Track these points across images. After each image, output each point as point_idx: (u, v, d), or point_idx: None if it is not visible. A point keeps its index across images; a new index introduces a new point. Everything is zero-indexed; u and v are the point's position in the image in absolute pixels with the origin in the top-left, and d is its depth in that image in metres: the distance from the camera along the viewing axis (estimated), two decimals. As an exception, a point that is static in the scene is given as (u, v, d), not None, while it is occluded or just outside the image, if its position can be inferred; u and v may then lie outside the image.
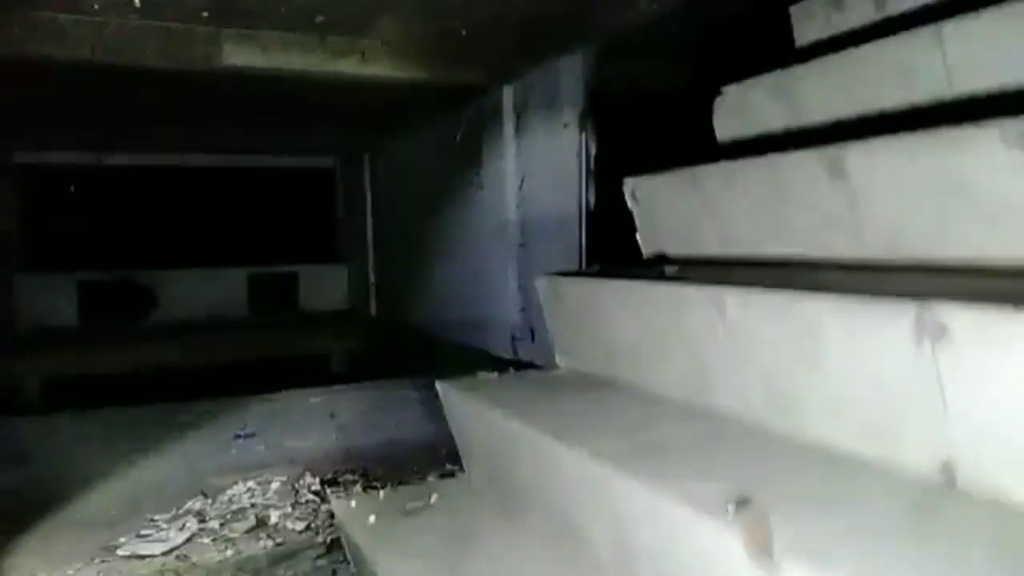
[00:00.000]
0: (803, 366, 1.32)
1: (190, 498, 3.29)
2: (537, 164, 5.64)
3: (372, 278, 9.88)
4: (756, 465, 1.33)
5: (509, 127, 5.95)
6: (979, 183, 1.31)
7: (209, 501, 3.27)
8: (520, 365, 5.95)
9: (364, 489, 3.28)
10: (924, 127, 1.46)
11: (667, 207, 2.04)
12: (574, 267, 5.16)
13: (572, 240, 5.17)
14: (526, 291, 5.93)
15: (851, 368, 1.26)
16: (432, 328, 7.78)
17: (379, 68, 5.72)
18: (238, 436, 4.40)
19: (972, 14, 1.65)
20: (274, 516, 3.10)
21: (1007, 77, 1.54)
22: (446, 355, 7.10)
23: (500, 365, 6.19)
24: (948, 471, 1.15)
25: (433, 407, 5.02)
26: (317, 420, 4.79)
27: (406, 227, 8.64)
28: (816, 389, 1.34)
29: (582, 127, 5.03)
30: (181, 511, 3.18)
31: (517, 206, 5.96)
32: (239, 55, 5.17)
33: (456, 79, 6.01)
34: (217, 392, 5.65)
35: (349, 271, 10.87)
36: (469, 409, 2.10)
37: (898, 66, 1.74)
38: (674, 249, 2.07)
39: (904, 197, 1.43)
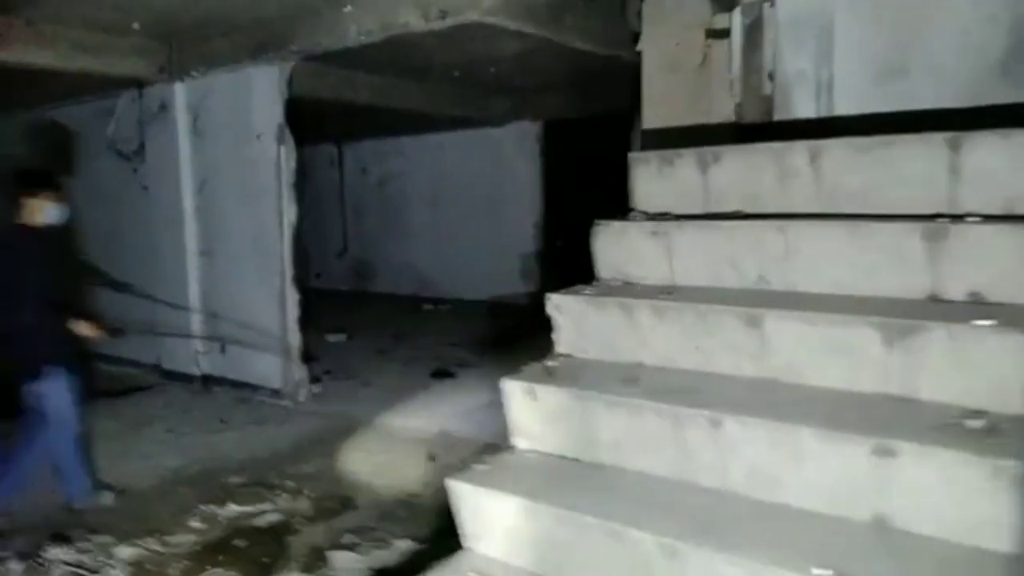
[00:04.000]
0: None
1: None
2: (224, 171, 5.38)
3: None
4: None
5: (183, 127, 5.53)
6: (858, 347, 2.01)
7: None
8: (208, 379, 5.64)
9: None
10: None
11: (594, 324, 2.49)
12: (276, 279, 5.09)
13: (272, 253, 5.10)
14: (211, 299, 5.64)
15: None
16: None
17: (9, 53, 4.83)
18: None
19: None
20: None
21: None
22: (104, 376, 6.31)
23: (183, 379, 5.75)
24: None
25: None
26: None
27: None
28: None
29: (279, 139, 4.96)
30: None
31: (196, 211, 5.60)
32: None
33: (108, 70, 5.34)
34: None
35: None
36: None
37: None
38: (595, 354, 2.51)
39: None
